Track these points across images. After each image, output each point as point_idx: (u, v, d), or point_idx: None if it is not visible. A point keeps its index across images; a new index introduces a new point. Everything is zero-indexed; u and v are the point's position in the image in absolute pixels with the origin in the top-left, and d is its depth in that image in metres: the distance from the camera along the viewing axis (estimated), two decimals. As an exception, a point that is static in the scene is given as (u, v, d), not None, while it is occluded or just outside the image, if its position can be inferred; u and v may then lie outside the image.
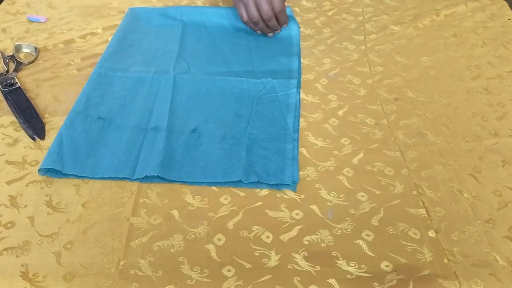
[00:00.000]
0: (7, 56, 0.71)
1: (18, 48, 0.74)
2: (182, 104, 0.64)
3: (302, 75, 0.70)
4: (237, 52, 0.74)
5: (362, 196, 0.53)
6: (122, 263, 0.46)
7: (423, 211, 0.51)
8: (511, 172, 0.55)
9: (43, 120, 0.61)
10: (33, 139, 0.59)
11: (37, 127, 0.60)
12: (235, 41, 0.77)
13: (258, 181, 0.53)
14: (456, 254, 0.47)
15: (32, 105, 0.63)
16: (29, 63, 0.71)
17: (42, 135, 0.59)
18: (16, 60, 0.71)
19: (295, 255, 0.47)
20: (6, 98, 0.64)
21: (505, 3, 0.85)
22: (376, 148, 0.59)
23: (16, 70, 0.70)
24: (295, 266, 0.46)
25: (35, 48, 0.74)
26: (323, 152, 0.58)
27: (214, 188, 0.53)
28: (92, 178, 0.54)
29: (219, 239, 0.48)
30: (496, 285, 0.44)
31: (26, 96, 0.64)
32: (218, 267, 0.46)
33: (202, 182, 0.54)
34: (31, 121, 0.60)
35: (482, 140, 0.59)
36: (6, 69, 0.69)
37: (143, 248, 0.47)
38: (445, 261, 0.46)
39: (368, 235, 0.49)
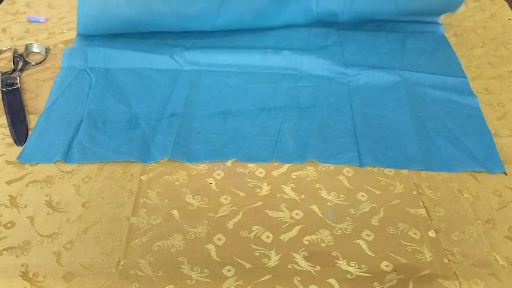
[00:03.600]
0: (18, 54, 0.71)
1: (28, 48, 0.73)
2: None
3: None
4: None
5: (362, 196, 0.53)
6: (122, 263, 0.46)
7: (423, 211, 0.51)
8: (511, 172, 0.55)
9: (28, 126, 0.60)
10: (16, 143, 0.57)
11: (20, 132, 0.59)
12: None
13: None
14: (456, 254, 0.47)
15: (23, 109, 0.61)
16: (37, 64, 0.70)
17: (22, 141, 0.57)
18: (24, 59, 0.71)
19: (295, 255, 0.47)
20: (3, 98, 0.63)
21: (505, 3, 0.85)
22: (376, 148, 0.59)
23: (21, 69, 0.69)
24: (295, 266, 0.46)
25: (46, 48, 0.73)
26: (323, 152, 0.58)
27: (214, 188, 0.53)
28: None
29: (219, 239, 0.48)
30: (496, 285, 0.44)
31: (21, 98, 0.63)
32: (218, 267, 0.46)
33: None
34: (17, 125, 0.59)
35: (482, 140, 0.59)
36: (13, 68, 0.69)
37: (143, 248, 0.47)
38: (445, 261, 0.46)
39: (368, 235, 0.49)
